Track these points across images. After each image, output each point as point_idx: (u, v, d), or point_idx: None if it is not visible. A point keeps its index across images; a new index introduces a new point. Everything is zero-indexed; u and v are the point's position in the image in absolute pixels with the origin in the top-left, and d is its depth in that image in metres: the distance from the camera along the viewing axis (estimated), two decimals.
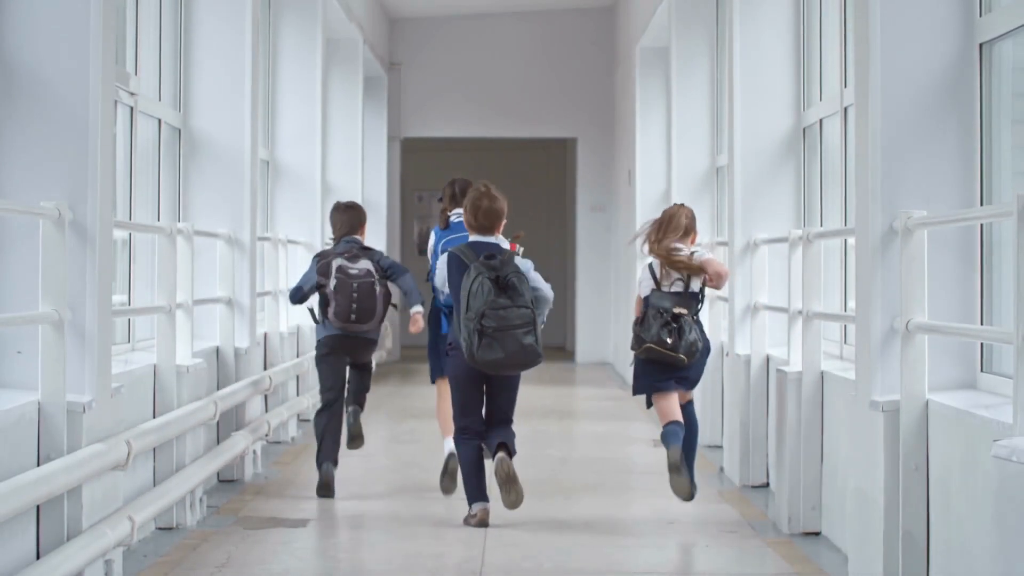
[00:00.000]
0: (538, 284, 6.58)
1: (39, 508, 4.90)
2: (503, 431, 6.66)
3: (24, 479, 4.53)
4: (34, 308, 5.09)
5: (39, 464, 4.93)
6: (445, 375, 7.04)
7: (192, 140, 8.41)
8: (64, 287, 5.07)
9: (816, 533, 6.48)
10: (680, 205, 6.92)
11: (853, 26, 5.71)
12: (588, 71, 17.03)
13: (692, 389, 6.80)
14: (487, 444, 6.65)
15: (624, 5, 15.49)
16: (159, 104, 8.08)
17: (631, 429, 10.23)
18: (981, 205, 5.12)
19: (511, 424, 6.74)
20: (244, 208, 8.31)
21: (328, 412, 7.63)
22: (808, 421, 6.52)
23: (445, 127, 17.25)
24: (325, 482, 7.45)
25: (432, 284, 7.23)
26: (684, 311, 6.55)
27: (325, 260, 7.57)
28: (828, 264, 7.26)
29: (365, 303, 7.47)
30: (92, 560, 4.99)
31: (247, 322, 8.23)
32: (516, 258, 6.60)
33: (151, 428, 6.04)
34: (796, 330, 6.77)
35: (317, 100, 11.44)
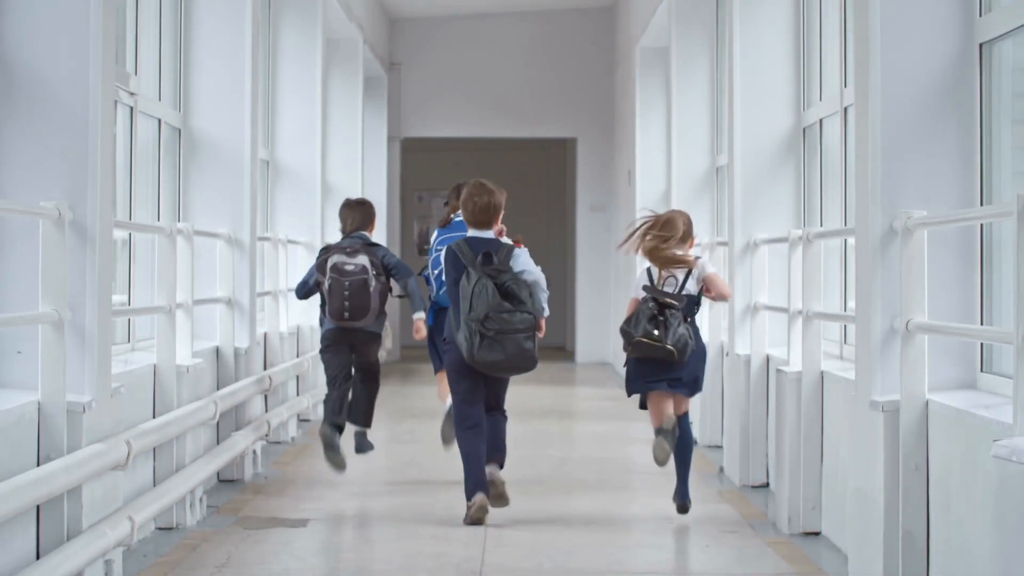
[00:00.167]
0: (528, 267, 6.63)
1: (39, 508, 4.89)
2: (495, 421, 6.90)
3: (24, 479, 4.52)
4: (34, 308, 5.09)
5: (39, 464, 4.92)
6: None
7: (192, 140, 8.41)
8: (64, 287, 5.07)
9: (816, 533, 6.48)
10: (677, 211, 6.92)
11: (853, 26, 5.71)
12: (588, 71, 17.03)
13: (688, 395, 6.77)
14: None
15: (624, 5, 15.49)
16: (159, 104, 8.08)
17: (631, 429, 10.22)
18: (981, 205, 5.12)
19: (503, 409, 7.02)
20: (244, 208, 8.31)
21: (335, 389, 7.73)
22: (808, 421, 6.52)
23: (445, 127, 17.26)
24: (326, 443, 7.56)
25: (427, 279, 7.40)
26: (673, 302, 6.55)
27: (324, 257, 7.63)
28: (828, 264, 7.26)
29: (357, 301, 7.52)
30: (92, 560, 4.99)
31: (247, 322, 8.23)
32: (515, 251, 6.66)
33: (151, 428, 6.04)
34: (796, 330, 6.77)
35: (317, 100, 11.44)
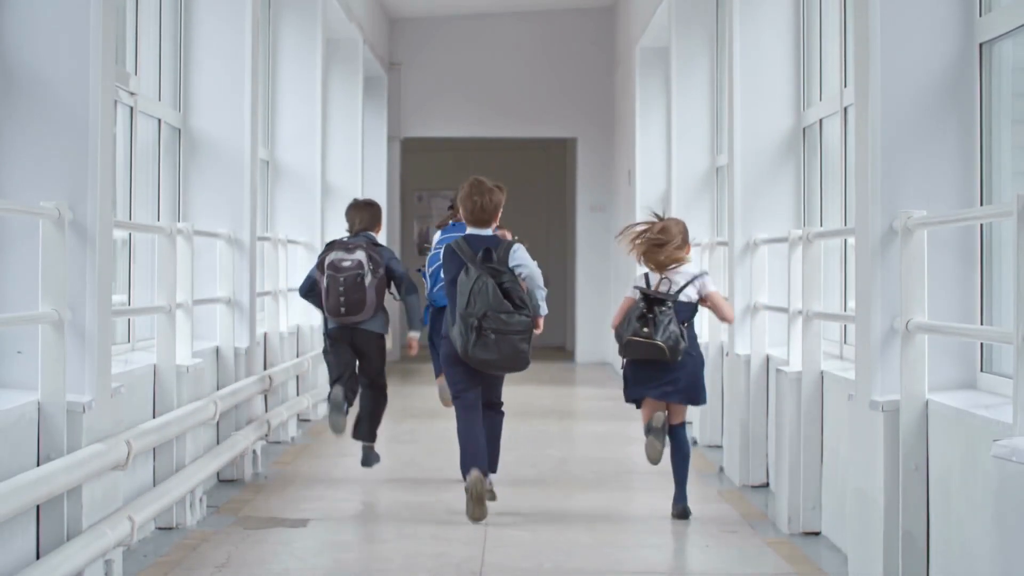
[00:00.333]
0: (524, 261, 6.65)
1: (39, 508, 4.90)
2: (493, 422, 6.95)
3: (24, 479, 4.53)
4: (34, 308, 5.09)
5: (39, 464, 4.93)
6: None
7: (192, 140, 8.41)
8: (64, 287, 5.07)
9: (816, 533, 6.48)
10: (673, 219, 6.94)
11: (853, 26, 5.71)
12: (588, 71, 17.02)
13: (684, 403, 6.80)
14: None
15: (624, 5, 15.49)
16: (159, 104, 8.08)
17: (631, 429, 10.21)
18: (981, 205, 5.12)
19: (500, 406, 7.08)
20: (244, 208, 8.31)
21: (341, 385, 7.74)
22: (808, 421, 6.52)
23: (445, 127, 17.25)
24: (334, 405, 7.63)
25: (423, 275, 7.48)
26: (662, 296, 6.57)
27: (324, 254, 7.72)
28: (828, 264, 7.26)
29: (352, 296, 7.57)
30: (92, 560, 4.99)
31: (247, 322, 8.23)
32: (513, 246, 6.68)
33: (151, 428, 6.04)
34: (796, 330, 6.77)
35: (317, 100, 11.44)
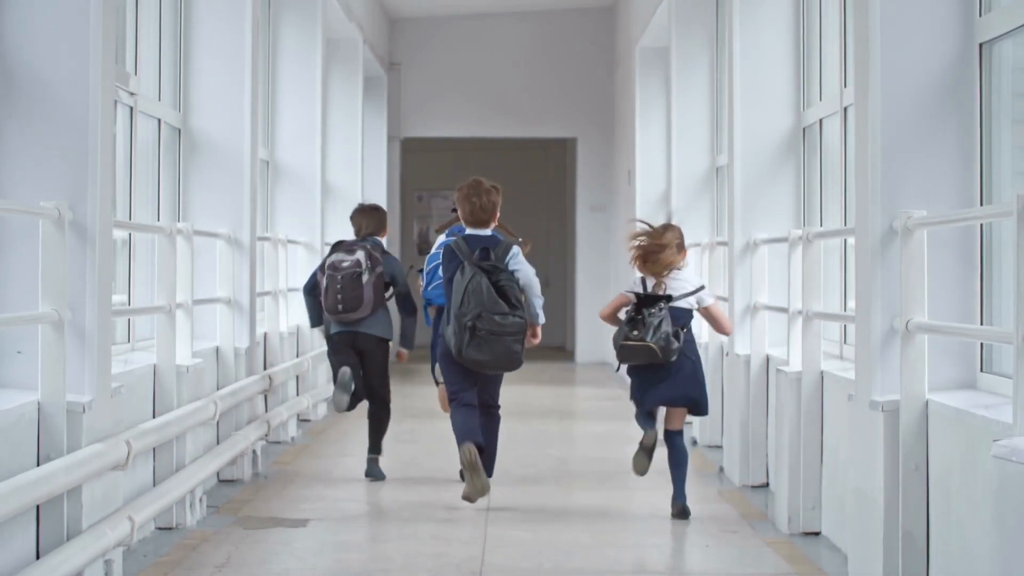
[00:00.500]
0: (522, 267, 6.66)
1: (39, 508, 4.90)
2: (489, 425, 6.96)
3: (24, 479, 4.52)
4: (34, 308, 5.09)
5: (39, 464, 4.92)
6: None
7: (192, 140, 8.41)
8: (64, 287, 5.06)
9: (816, 533, 6.48)
10: (669, 225, 6.97)
11: (853, 26, 5.71)
12: (588, 71, 17.02)
13: (682, 407, 6.84)
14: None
15: (624, 5, 15.48)
16: (159, 104, 8.08)
17: (631, 429, 10.16)
18: (981, 205, 5.12)
19: (498, 409, 7.09)
20: (244, 208, 8.31)
21: (347, 366, 7.79)
22: (808, 421, 6.52)
23: (445, 127, 17.25)
24: (340, 384, 7.69)
25: (421, 274, 7.55)
26: (653, 295, 6.61)
27: (326, 257, 7.80)
28: (828, 264, 7.26)
29: (350, 292, 7.64)
30: (92, 560, 4.99)
31: (247, 322, 8.23)
32: (513, 248, 6.69)
33: (151, 428, 6.04)
34: (796, 330, 6.77)
35: (317, 100, 11.44)
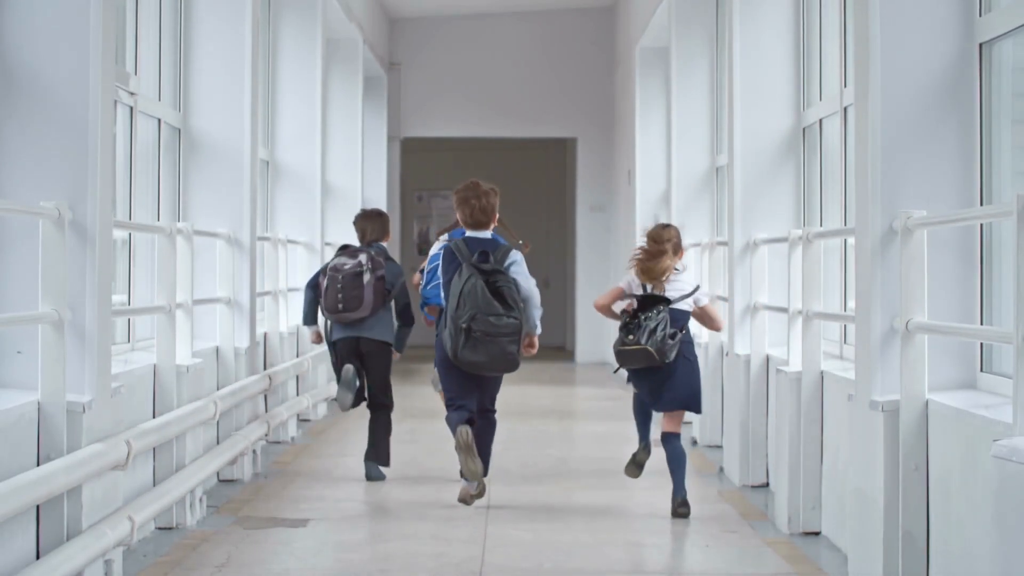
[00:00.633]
0: (520, 276, 6.67)
1: (39, 508, 4.90)
2: (485, 428, 6.93)
3: (24, 479, 4.52)
4: (34, 308, 5.09)
5: (39, 464, 4.93)
6: None
7: (192, 140, 8.41)
8: (64, 287, 5.06)
9: (816, 533, 6.48)
10: (664, 226, 6.96)
11: (853, 26, 5.71)
12: (588, 71, 17.02)
13: (679, 409, 6.85)
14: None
15: (624, 5, 15.48)
16: (159, 104, 8.08)
17: (631, 429, 10.18)
18: (981, 205, 5.12)
19: (494, 413, 7.05)
20: (244, 208, 8.31)
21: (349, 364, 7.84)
22: (808, 421, 6.52)
23: (445, 127, 17.25)
24: (345, 381, 7.72)
25: (421, 274, 7.60)
26: (650, 295, 6.63)
27: (331, 260, 7.85)
28: (828, 264, 7.26)
29: (350, 292, 7.70)
30: (92, 560, 4.99)
31: (247, 322, 8.23)
32: (512, 253, 6.69)
33: (151, 428, 6.04)
34: (796, 330, 6.77)
35: (317, 100, 11.44)
